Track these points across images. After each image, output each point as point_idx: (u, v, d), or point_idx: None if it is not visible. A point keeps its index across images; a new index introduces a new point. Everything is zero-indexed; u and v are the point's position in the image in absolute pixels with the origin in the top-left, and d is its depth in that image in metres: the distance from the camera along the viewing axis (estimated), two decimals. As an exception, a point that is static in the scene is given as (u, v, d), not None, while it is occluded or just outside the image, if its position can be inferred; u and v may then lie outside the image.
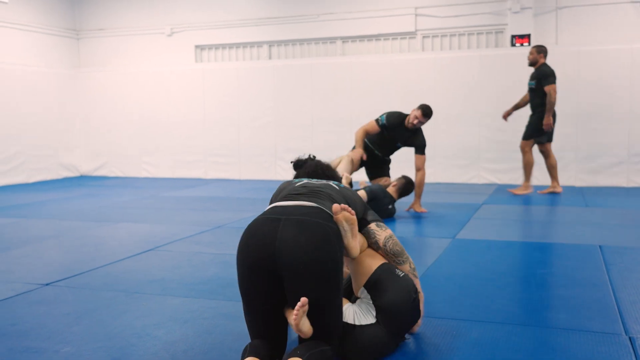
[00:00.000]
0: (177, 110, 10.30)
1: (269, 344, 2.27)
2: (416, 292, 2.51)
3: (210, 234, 5.24)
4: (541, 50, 7.27)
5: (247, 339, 2.68)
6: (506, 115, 7.67)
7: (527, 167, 7.40)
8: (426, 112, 5.95)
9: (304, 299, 2.10)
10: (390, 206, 5.83)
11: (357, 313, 2.42)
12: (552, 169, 7.49)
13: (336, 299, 2.25)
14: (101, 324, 2.94)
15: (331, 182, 2.62)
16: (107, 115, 10.76)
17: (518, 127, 8.55)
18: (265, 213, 2.35)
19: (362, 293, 2.47)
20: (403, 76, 9.06)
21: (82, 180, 10.34)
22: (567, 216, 5.89)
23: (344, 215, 2.32)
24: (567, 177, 8.38)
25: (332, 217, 2.33)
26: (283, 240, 2.18)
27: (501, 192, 7.80)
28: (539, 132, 7.27)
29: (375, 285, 2.43)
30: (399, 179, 6.00)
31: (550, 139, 7.39)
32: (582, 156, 8.33)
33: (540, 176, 8.20)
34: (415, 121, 5.96)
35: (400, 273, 2.52)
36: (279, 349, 2.33)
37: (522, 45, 8.64)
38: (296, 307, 2.10)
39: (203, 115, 10.16)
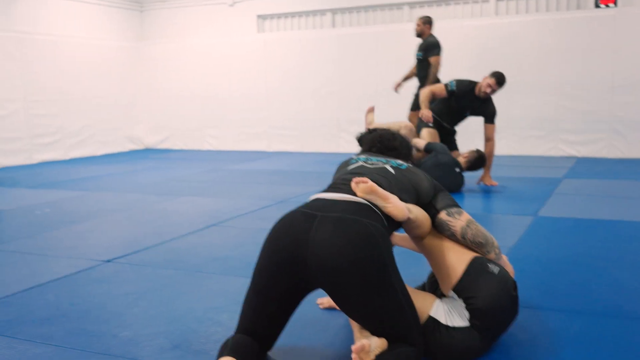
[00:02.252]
0: (239, 81, 10.13)
1: (257, 343, 2.02)
2: (515, 288, 2.17)
3: (275, 208, 5.04)
4: (427, 21, 6.87)
5: (323, 324, 2.46)
6: (396, 87, 7.33)
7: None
8: (500, 80, 5.63)
9: (356, 346, 1.84)
10: (458, 169, 5.48)
11: (450, 313, 2.10)
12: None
13: (392, 300, 1.93)
14: (161, 306, 2.77)
15: (388, 165, 2.32)
16: (169, 88, 10.72)
17: (602, 95, 7.96)
18: (304, 205, 2.11)
19: (453, 295, 2.14)
20: (474, 42, 8.56)
21: (147, 153, 10.38)
22: (661, 192, 5.38)
23: (362, 190, 2.07)
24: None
25: (377, 212, 2.05)
26: (317, 244, 1.91)
27: (583, 165, 7.28)
28: None
29: (468, 290, 2.08)
30: (472, 151, 5.64)
31: None
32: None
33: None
34: (488, 89, 5.65)
35: (494, 269, 2.14)
36: (265, 350, 2.09)
37: (607, 6, 7.96)
38: (353, 353, 1.85)
39: (265, 86, 9.96)
